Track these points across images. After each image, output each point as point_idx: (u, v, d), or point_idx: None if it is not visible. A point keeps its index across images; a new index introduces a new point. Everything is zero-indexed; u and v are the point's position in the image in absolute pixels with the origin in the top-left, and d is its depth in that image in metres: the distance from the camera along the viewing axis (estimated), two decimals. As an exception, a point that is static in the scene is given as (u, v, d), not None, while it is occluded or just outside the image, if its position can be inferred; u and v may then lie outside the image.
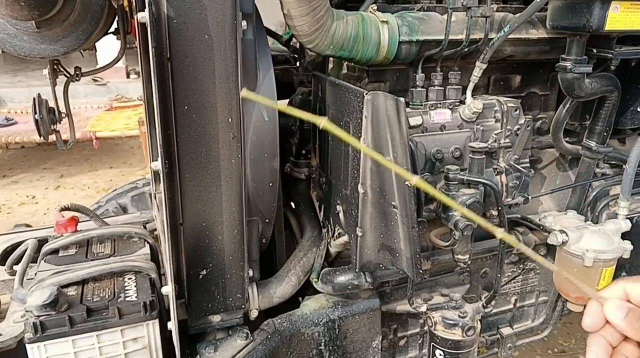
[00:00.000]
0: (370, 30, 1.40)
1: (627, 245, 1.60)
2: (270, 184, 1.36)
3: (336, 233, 1.56)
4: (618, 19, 1.35)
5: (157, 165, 1.18)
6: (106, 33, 1.45)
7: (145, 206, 2.80)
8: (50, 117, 1.54)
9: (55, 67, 1.52)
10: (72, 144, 1.65)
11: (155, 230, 1.92)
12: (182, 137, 1.20)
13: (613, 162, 1.81)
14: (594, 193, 1.78)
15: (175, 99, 1.16)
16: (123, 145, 6.81)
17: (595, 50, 1.50)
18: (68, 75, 1.58)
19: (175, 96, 1.15)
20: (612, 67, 1.52)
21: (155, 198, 2.05)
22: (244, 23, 1.18)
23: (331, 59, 1.64)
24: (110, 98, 6.98)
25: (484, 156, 1.52)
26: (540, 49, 1.61)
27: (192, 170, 1.23)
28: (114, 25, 1.51)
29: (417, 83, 1.54)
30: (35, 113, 1.51)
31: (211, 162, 1.24)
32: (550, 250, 1.87)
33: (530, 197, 1.59)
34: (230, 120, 1.22)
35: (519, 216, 1.79)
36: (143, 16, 1.06)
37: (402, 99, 1.19)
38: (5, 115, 6.01)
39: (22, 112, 6.22)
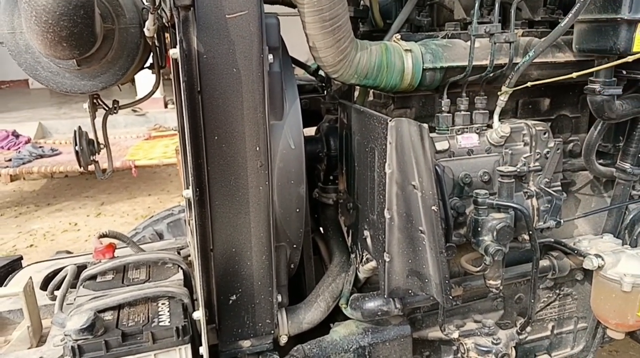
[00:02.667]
0: (393, 58, 1.43)
1: (668, 270, 1.54)
2: (297, 210, 1.39)
3: (364, 259, 1.57)
4: (646, 41, 1.34)
5: (189, 192, 1.23)
6: (142, 68, 1.53)
7: (181, 232, 2.87)
8: (89, 148, 1.61)
9: (94, 101, 1.61)
10: (110, 174, 1.73)
11: (189, 256, 1.97)
12: (212, 165, 1.24)
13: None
14: (631, 216, 1.74)
15: (205, 130, 1.21)
16: (161, 173, 7.00)
17: (624, 72, 1.48)
18: (106, 109, 1.67)
19: (205, 127, 1.21)
20: (644, 89, 1.50)
21: (189, 224, 2.10)
22: (271, 56, 1.23)
23: (357, 87, 1.67)
24: (149, 127, 7.22)
25: (513, 180, 1.51)
26: (568, 72, 1.60)
27: (221, 197, 1.27)
28: (150, 60, 1.59)
29: (443, 108, 1.55)
30: (76, 145, 1.59)
31: (240, 189, 1.28)
32: (587, 275, 1.82)
33: (562, 221, 1.56)
34: (257, 148, 1.26)
35: (553, 240, 1.76)
36: (175, 52, 1.12)
37: (425, 125, 1.21)
38: (50, 146, 6.29)
39: (65, 143, 6.50)
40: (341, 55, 1.35)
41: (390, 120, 1.25)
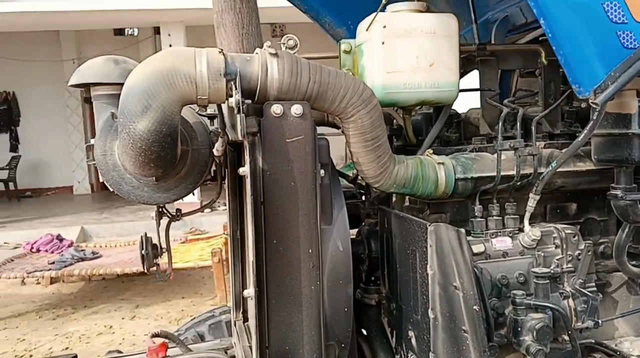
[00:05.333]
0: (427, 170, 1.61)
1: None
2: (346, 309, 1.49)
3: (409, 359, 1.63)
4: (657, 152, 1.48)
5: (249, 292, 1.36)
6: (205, 180, 1.74)
7: (222, 334, 2.93)
8: (153, 252, 1.79)
9: (160, 209, 1.81)
10: (170, 275, 1.88)
11: (235, 356, 2.04)
12: (270, 266, 1.38)
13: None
14: (670, 317, 1.76)
15: (266, 235, 1.37)
16: (195, 276, 7.12)
17: (643, 178, 1.61)
18: (170, 216, 1.86)
19: (266, 232, 1.37)
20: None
21: (235, 325, 2.20)
22: (322, 171, 1.42)
23: (395, 194, 1.83)
24: (185, 231, 7.47)
25: (548, 281, 1.60)
26: (590, 179, 1.74)
27: (277, 297, 1.40)
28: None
29: (476, 214, 1.69)
30: (142, 249, 1.76)
31: (294, 289, 1.41)
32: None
33: (600, 321, 1.61)
34: (310, 251, 1.40)
35: (594, 341, 1.78)
36: (244, 170, 1.32)
37: (462, 230, 1.34)
38: (91, 249, 6.55)
39: (106, 246, 6.76)
40: (382, 168, 1.54)
41: (429, 225, 1.39)
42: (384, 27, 1.50)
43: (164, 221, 1.84)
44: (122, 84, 1.50)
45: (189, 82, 1.27)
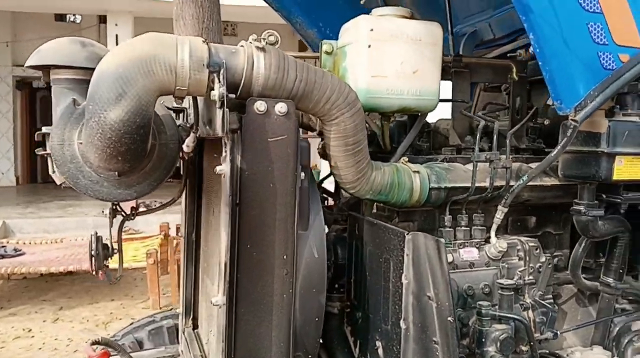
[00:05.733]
0: (404, 178, 1.59)
1: (660, 383, 1.63)
2: (317, 319, 1.43)
3: (375, 370, 1.59)
4: (623, 170, 1.55)
5: (218, 299, 1.27)
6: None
7: (162, 341, 2.77)
8: (104, 252, 1.65)
9: (115, 207, 1.67)
10: (120, 278, 1.74)
11: (182, 366, 1.93)
12: (241, 272, 1.30)
13: (631, 298, 1.90)
14: (617, 328, 1.85)
15: (240, 238, 1.28)
16: (126, 277, 6.76)
17: (604, 196, 1.68)
18: (124, 215, 1.73)
19: (240, 235, 1.28)
20: (622, 211, 1.69)
21: (184, 333, 2.08)
22: (302, 174, 1.36)
23: (366, 201, 1.80)
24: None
25: (512, 293, 1.62)
26: (554, 194, 1.79)
27: (247, 305, 1.32)
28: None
29: (446, 223, 1.69)
30: (92, 249, 1.62)
31: (265, 297, 1.33)
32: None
33: (559, 333, 1.65)
34: (285, 257, 1.34)
35: (547, 352, 1.83)
36: (222, 169, 1.23)
37: (442, 240, 1.33)
38: (13, 246, 6.07)
39: (30, 243, 6.29)
40: (360, 174, 1.50)
41: (407, 233, 1.36)
42: (371, 30, 1.47)
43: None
44: (88, 69, 1.37)
45: (168, 71, 1.17)
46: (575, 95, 1.40)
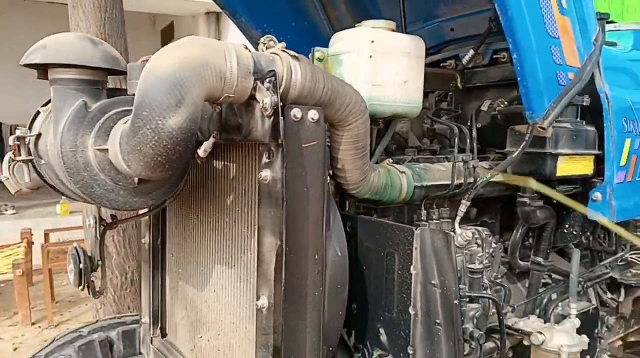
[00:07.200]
0: (395, 179, 1.74)
1: (585, 339, 2.01)
2: (340, 313, 1.51)
3: (375, 355, 1.72)
4: (563, 168, 1.88)
5: (262, 303, 1.29)
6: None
7: (95, 356, 2.56)
8: (91, 265, 1.53)
9: (99, 216, 1.55)
10: (104, 290, 1.62)
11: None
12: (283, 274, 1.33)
13: (552, 273, 2.30)
14: (544, 300, 2.22)
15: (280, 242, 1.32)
16: (-14, 293, 5.95)
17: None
18: (105, 225, 1.61)
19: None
20: (554, 202, 2.04)
21: (152, 342, 2.00)
22: (328, 177, 1.43)
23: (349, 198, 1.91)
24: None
25: (480, 276, 1.87)
26: (500, 188, 2.09)
27: (288, 306, 1.35)
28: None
29: (422, 218, 1.88)
30: (79, 262, 1.49)
31: (301, 297, 1.38)
32: (515, 354, 2.20)
33: (516, 307, 1.95)
34: (316, 257, 1.40)
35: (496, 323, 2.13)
36: (266, 175, 1.25)
37: (452, 234, 1.50)
38: None
39: None
40: (363, 175, 1.61)
41: (415, 229, 1.51)
42: (372, 41, 1.58)
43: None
44: (103, 69, 1.28)
45: (218, 78, 1.16)
46: (542, 107, 1.68)
